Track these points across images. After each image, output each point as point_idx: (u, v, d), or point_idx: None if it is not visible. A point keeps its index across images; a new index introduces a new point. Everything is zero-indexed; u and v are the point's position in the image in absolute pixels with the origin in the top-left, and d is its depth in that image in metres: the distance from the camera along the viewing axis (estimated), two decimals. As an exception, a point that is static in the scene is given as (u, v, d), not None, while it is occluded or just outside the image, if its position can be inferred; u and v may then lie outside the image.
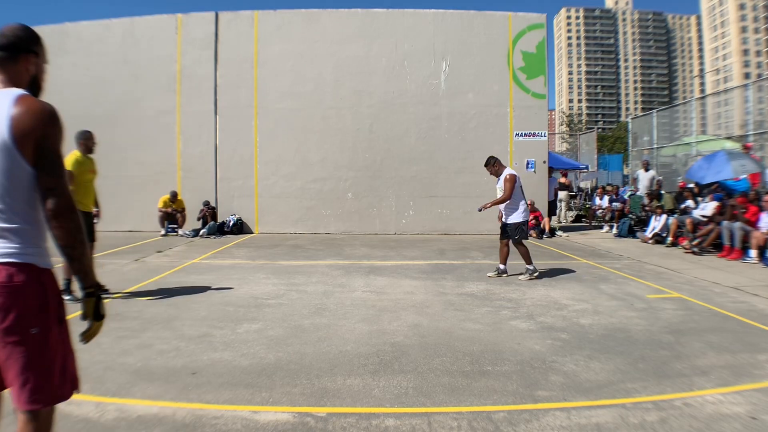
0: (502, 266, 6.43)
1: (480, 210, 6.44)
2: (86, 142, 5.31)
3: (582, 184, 21.65)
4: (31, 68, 1.64)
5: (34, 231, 1.58)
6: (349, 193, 11.76)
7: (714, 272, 6.76)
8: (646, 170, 12.43)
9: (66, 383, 1.62)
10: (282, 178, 11.70)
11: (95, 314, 1.69)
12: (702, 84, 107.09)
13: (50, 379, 1.55)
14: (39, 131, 1.47)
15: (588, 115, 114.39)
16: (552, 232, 11.32)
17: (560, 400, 2.80)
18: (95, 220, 5.42)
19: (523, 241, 6.33)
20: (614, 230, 11.52)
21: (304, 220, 11.71)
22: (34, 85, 1.66)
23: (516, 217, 6.32)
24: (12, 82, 1.56)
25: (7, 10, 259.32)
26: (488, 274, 6.45)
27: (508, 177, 6.26)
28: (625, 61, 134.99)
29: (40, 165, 1.49)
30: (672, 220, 9.54)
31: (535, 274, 6.22)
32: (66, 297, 4.66)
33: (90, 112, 11.77)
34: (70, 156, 5.05)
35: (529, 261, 6.25)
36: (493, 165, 6.48)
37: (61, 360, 1.61)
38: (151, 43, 11.77)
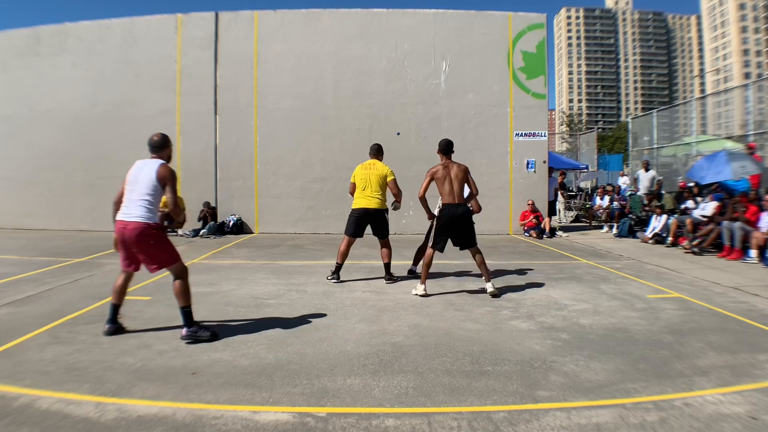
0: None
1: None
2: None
3: (582, 184, 21.66)
4: (168, 152, 4.03)
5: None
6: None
7: (714, 272, 6.76)
8: (647, 170, 12.43)
9: None
10: (282, 178, 11.70)
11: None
12: (702, 84, 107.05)
13: None
14: (167, 180, 3.77)
15: (588, 115, 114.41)
16: (552, 232, 11.32)
17: (560, 400, 2.80)
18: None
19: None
20: (614, 230, 11.53)
21: (304, 220, 11.71)
22: (168, 158, 3.94)
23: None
24: (162, 158, 3.88)
25: (8, 9, 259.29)
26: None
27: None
28: (625, 61, 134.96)
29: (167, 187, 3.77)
30: (672, 220, 9.54)
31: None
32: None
33: (90, 112, 11.82)
34: (386, 168, 6.22)
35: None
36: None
37: None
38: (151, 43, 11.77)
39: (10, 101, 12.05)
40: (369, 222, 6.11)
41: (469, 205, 5.51)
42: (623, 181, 15.06)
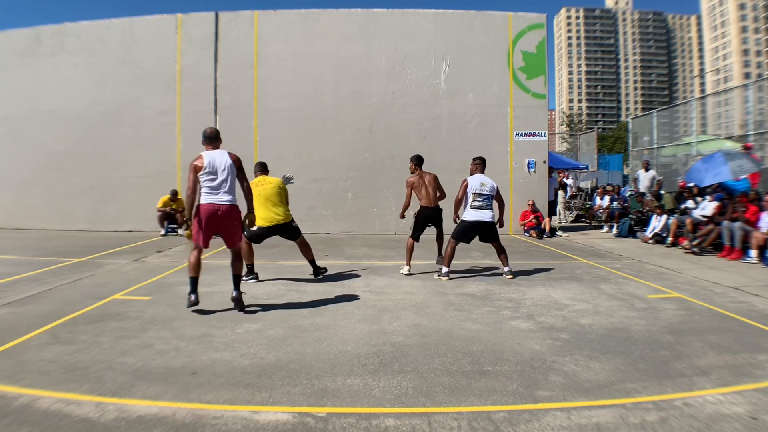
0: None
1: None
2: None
3: (582, 184, 21.67)
4: (221, 143, 4.74)
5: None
6: (349, 193, 11.76)
7: (714, 272, 6.76)
8: (647, 170, 12.43)
9: None
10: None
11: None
12: (702, 84, 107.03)
13: None
14: (239, 162, 4.68)
15: (588, 115, 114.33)
16: (552, 232, 11.31)
17: (560, 400, 2.80)
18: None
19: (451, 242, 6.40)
20: (614, 230, 11.53)
21: (304, 220, 11.58)
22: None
23: None
24: (219, 148, 4.66)
25: (8, 9, 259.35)
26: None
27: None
28: (625, 61, 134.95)
29: (240, 175, 4.68)
30: (672, 220, 9.54)
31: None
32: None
33: (90, 112, 11.82)
34: (277, 180, 6.16)
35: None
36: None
37: None
38: (151, 43, 11.77)
39: (10, 101, 12.05)
40: (276, 233, 6.08)
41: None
42: (571, 183, 15.79)
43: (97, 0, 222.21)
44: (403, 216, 6.98)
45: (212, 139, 4.60)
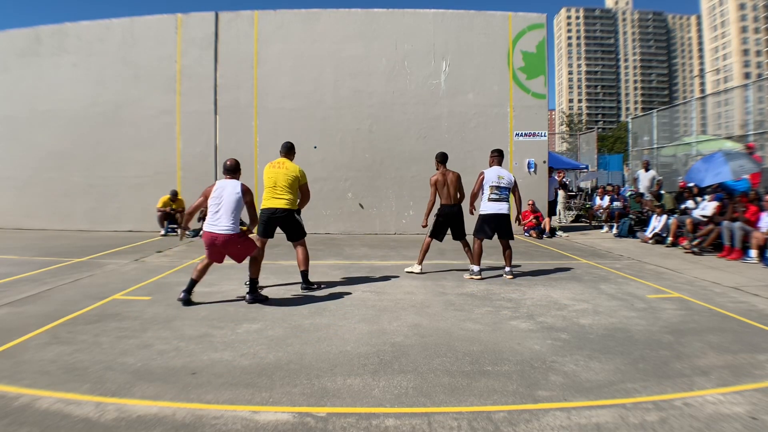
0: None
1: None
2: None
3: (582, 184, 21.66)
4: (240, 173, 5.05)
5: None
6: (349, 193, 11.76)
7: (714, 272, 6.76)
8: (646, 170, 12.43)
9: None
10: (282, 178, 11.70)
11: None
12: (702, 84, 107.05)
13: None
14: (248, 196, 4.86)
15: (588, 115, 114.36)
16: (552, 232, 11.31)
17: (560, 400, 2.80)
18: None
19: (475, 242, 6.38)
20: (614, 230, 11.52)
21: (304, 220, 11.68)
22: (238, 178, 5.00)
23: None
24: (236, 179, 4.92)
25: (8, 9, 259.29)
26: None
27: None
28: (625, 61, 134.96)
29: (250, 210, 4.93)
30: (672, 220, 9.54)
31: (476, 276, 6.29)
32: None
33: (90, 112, 11.82)
34: (297, 167, 5.82)
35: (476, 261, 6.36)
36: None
37: None
38: (151, 43, 11.78)
39: (10, 101, 12.06)
40: (278, 223, 5.58)
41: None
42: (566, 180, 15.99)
43: (97, 0, 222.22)
44: (425, 224, 6.59)
45: (230, 171, 4.99)
